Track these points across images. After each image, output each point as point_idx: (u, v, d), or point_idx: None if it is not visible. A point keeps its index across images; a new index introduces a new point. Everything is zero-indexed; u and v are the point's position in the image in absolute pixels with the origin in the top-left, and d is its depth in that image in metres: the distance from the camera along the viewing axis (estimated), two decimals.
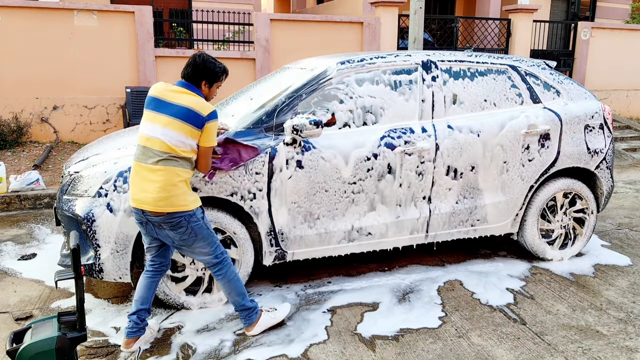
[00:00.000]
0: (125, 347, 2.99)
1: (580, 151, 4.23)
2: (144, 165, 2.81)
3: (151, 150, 2.80)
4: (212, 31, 10.55)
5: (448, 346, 3.08)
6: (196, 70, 2.90)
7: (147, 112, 2.89)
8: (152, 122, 2.83)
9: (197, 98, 2.86)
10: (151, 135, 2.81)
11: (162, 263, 3.09)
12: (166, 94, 2.86)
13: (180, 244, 2.93)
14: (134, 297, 3.07)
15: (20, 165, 6.75)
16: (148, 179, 2.79)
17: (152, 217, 2.82)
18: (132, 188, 2.87)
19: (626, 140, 10.06)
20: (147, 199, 2.79)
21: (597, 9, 14.95)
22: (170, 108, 2.81)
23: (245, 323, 3.17)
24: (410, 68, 3.93)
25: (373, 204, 3.75)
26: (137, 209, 2.87)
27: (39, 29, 7.49)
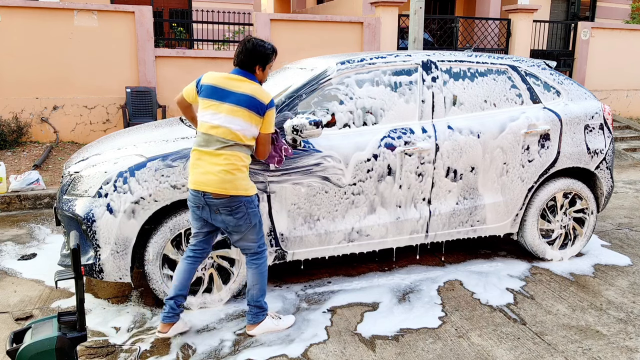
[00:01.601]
0: (162, 331, 3.08)
1: (580, 151, 4.23)
2: (207, 151, 2.89)
3: (215, 137, 2.88)
4: (212, 31, 10.55)
5: (448, 346, 3.08)
6: (249, 55, 2.95)
7: (207, 100, 2.94)
8: (216, 111, 2.90)
9: (257, 86, 2.95)
10: (216, 123, 2.89)
11: (204, 249, 3.14)
12: (226, 83, 2.94)
13: (234, 229, 2.99)
14: (172, 282, 3.12)
15: (20, 165, 6.75)
16: (213, 162, 2.87)
17: (213, 199, 2.88)
18: (193, 172, 2.93)
19: (626, 140, 10.06)
20: (212, 181, 2.86)
21: (597, 9, 14.96)
22: (233, 96, 2.90)
23: (250, 320, 3.18)
24: (410, 68, 3.93)
25: (373, 205, 3.75)
26: (196, 192, 2.92)
27: (39, 29, 7.49)
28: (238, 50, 2.98)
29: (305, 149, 3.51)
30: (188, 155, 3.33)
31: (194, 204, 2.99)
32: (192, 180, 2.94)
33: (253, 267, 3.12)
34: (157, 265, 3.34)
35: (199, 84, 3.02)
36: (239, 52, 2.98)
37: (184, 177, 3.29)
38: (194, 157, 2.95)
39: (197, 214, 3.01)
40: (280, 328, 3.23)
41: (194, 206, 2.99)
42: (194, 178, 2.92)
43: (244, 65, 2.98)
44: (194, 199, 2.96)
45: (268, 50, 3.00)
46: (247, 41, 2.98)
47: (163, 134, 3.75)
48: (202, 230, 3.09)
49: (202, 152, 2.91)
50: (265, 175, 3.43)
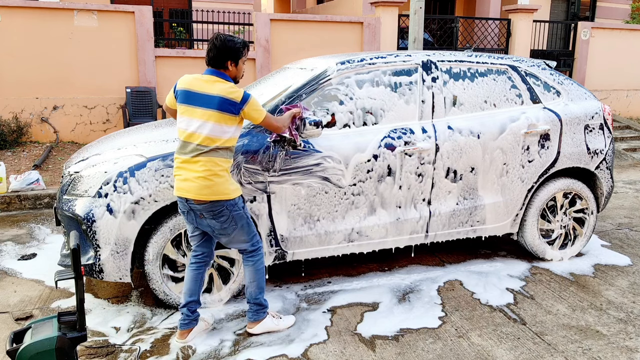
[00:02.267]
0: (180, 339, 3.08)
1: (580, 151, 4.23)
2: (186, 158, 2.87)
3: (191, 144, 2.85)
4: (212, 31, 10.55)
5: (448, 346, 3.08)
6: (219, 52, 2.89)
7: (182, 106, 2.91)
8: (189, 116, 2.87)
9: (227, 85, 2.89)
10: (190, 129, 2.86)
11: (204, 253, 3.12)
12: (197, 85, 2.89)
13: (220, 232, 2.98)
14: (183, 290, 3.12)
15: (20, 165, 6.75)
16: (190, 169, 2.86)
17: (195, 205, 2.88)
18: (176, 178, 2.93)
19: (626, 140, 10.06)
20: (191, 188, 2.85)
21: (597, 9, 14.95)
22: (204, 99, 2.85)
23: (250, 318, 3.18)
24: (410, 68, 3.93)
25: (373, 205, 3.75)
26: (180, 198, 2.93)
27: (39, 29, 7.49)
28: (208, 48, 2.92)
29: (305, 149, 3.50)
30: None
31: (181, 210, 3.00)
32: (175, 187, 2.94)
33: (249, 265, 3.12)
34: (157, 266, 3.34)
35: (176, 89, 2.97)
36: (208, 50, 2.92)
37: None
38: (175, 164, 2.94)
39: (185, 218, 3.02)
40: (280, 328, 3.23)
41: (182, 211, 3.01)
42: (176, 185, 2.92)
43: (216, 63, 2.91)
44: (180, 205, 2.98)
45: (238, 44, 2.93)
46: (215, 38, 2.92)
47: (163, 134, 3.75)
48: (195, 234, 3.08)
49: (181, 159, 2.89)
50: (265, 176, 3.43)
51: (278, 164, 3.45)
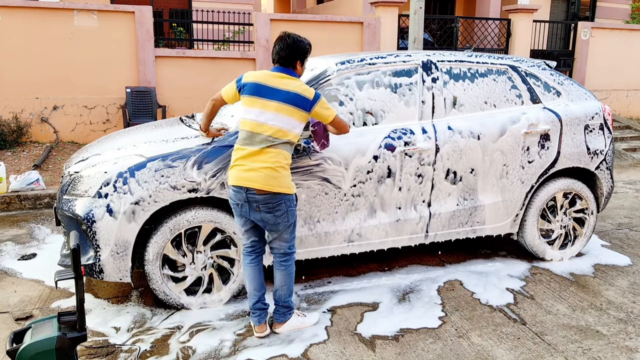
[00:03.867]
0: (260, 332, 3.14)
1: (580, 152, 4.23)
2: (253, 149, 2.90)
3: (260, 135, 2.89)
4: (212, 31, 10.55)
5: (448, 346, 3.08)
6: (290, 51, 2.96)
7: (251, 98, 2.95)
8: (261, 108, 2.91)
9: (300, 82, 2.99)
10: (260, 120, 2.90)
11: (258, 244, 3.15)
12: (271, 80, 2.94)
13: (272, 227, 3.00)
14: (248, 289, 3.15)
15: (20, 165, 6.75)
16: (258, 160, 2.89)
17: (255, 195, 2.89)
18: (236, 168, 2.94)
19: (626, 140, 10.06)
20: (257, 178, 2.87)
21: (597, 9, 14.95)
22: (280, 94, 2.91)
23: (278, 319, 3.21)
24: (411, 68, 3.93)
25: (373, 207, 3.75)
26: (239, 188, 2.93)
27: (39, 29, 7.49)
28: (278, 47, 2.98)
29: (305, 150, 3.50)
30: (188, 156, 3.33)
31: (234, 201, 3.00)
32: (234, 177, 2.94)
33: (282, 269, 3.14)
34: (157, 266, 3.34)
35: (240, 83, 3.03)
36: (279, 49, 2.97)
37: (184, 178, 3.29)
38: (238, 154, 2.96)
39: (238, 210, 3.02)
40: (305, 325, 3.25)
41: (234, 203, 3.01)
42: (237, 174, 2.93)
43: (286, 62, 2.98)
44: (235, 196, 2.97)
45: (307, 45, 3.03)
46: (286, 37, 2.98)
47: (163, 134, 3.75)
48: (248, 227, 3.10)
49: (247, 150, 2.92)
50: None
51: None
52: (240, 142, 2.96)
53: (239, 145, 2.97)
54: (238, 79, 3.06)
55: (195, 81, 8.32)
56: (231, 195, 3.02)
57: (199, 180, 3.31)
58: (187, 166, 3.31)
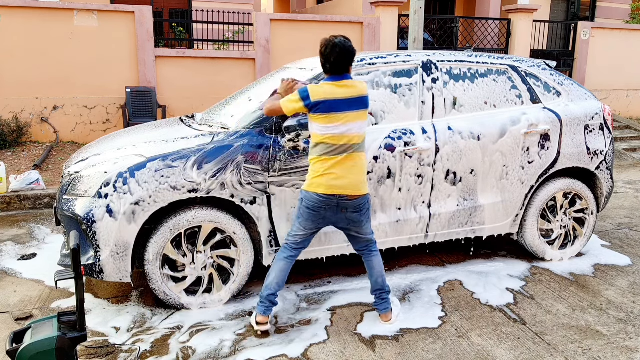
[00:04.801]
0: (262, 321, 3.17)
1: (580, 152, 4.23)
2: (341, 157, 2.98)
3: (347, 144, 2.99)
4: (212, 31, 10.55)
5: (448, 346, 3.08)
6: (343, 58, 2.96)
7: (330, 115, 2.95)
8: (342, 122, 2.96)
9: (359, 83, 3.07)
10: (349, 132, 2.98)
11: (304, 247, 3.24)
12: (343, 92, 2.98)
13: (355, 225, 3.15)
14: (270, 280, 3.16)
15: (20, 165, 6.75)
16: (348, 167, 3.00)
17: (349, 201, 3.03)
18: (328, 177, 2.99)
19: (626, 140, 10.06)
20: (352, 184, 3.01)
21: (597, 9, 14.95)
22: (354, 103, 2.99)
23: (386, 309, 3.30)
24: (411, 69, 3.93)
25: (373, 207, 3.74)
26: (329, 196, 3.00)
27: (39, 29, 7.49)
28: (332, 56, 2.94)
29: (305, 150, 3.50)
30: (188, 156, 3.33)
31: (320, 206, 3.04)
32: (327, 185, 2.99)
33: (375, 255, 3.27)
34: (157, 266, 3.34)
35: (310, 102, 2.95)
36: (335, 57, 2.94)
37: (184, 178, 3.29)
38: (324, 164, 2.99)
39: (320, 214, 3.07)
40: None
41: (320, 208, 3.04)
42: (330, 183, 2.98)
43: (344, 68, 2.99)
44: (324, 202, 3.02)
45: (353, 48, 3.03)
46: (335, 45, 2.94)
47: (163, 134, 3.75)
48: (313, 230, 3.16)
49: (334, 159, 2.98)
50: (265, 176, 3.43)
51: (278, 164, 3.45)
52: (325, 154, 2.99)
53: (324, 157, 2.99)
54: (304, 96, 2.96)
55: (195, 81, 8.32)
56: (316, 201, 3.03)
57: (199, 180, 3.31)
58: (187, 166, 3.31)
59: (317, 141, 3.02)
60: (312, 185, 3.03)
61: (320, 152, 3.01)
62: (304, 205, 3.08)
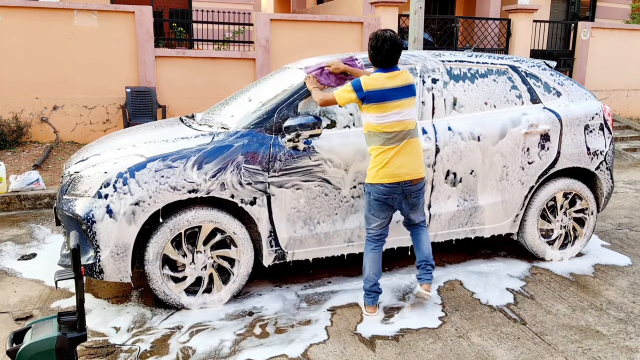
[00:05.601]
0: (372, 312, 3.39)
1: (580, 152, 4.23)
2: (400, 145, 3.18)
3: (404, 131, 3.18)
4: (212, 31, 10.54)
5: (448, 346, 3.08)
6: (395, 50, 3.18)
7: (383, 104, 3.15)
8: (399, 109, 3.17)
9: (406, 72, 3.26)
10: (403, 119, 3.18)
11: (386, 234, 3.43)
12: (394, 82, 3.18)
13: (414, 207, 3.37)
14: (368, 273, 3.37)
15: (20, 165, 6.75)
16: (408, 153, 3.21)
17: (412, 185, 3.24)
18: (392, 166, 3.18)
19: (626, 140, 10.06)
20: (415, 169, 3.23)
21: (597, 9, 14.95)
22: (405, 91, 3.20)
23: (429, 279, 3.47)
24: (411, 69, 3.92)
25: None
26: (395, 184, 3.20)
27: (39, 29, 7.49)
28: (384, 49, 3.13)
29: (305, 150, 3.50)
30: (188, 156, 3.33)
31: (387, 196, 3.23)
32: (389, 174, 3.18)
33: (423, 228, 3.48)
34: (157, 266, 3.34)
35: (362, 93, 3.15)
36: (386, 50, 3.13)
37: (184, 178, 3.29)
38: (385, 155, 3.18)
39: (388, 203, 3.27)
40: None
41: (387, 197, 3.24)
42: (392, 172, 3.18)
43: (393, 60, 3.19)
44: (390, 191, 3.22)
45: (402, 41, 3.24)
46: (385, 38, 3.14)
47: (163, 134, 3.75)
48: (387, 219, 3.35)
49: (394, 148, 3.17)
50: (265, 176, 3.43)
51: (278, 164, 3.45)
52: (385, 143, 3.18)
53: (385, 147, 3.17)
54: (356, 88, 3.16)
55: (195, 81, 8.32)
56: (383, 191, 3.22)
57: (199, 181, 3.31)
58: (187, 166, 3.30)
59: (373, 131, 3.20)
60: (377, 177, 3.21)
61: (380, 142, 3.19)
62: (372, 198, 3.28)
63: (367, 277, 3.38)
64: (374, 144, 3.21)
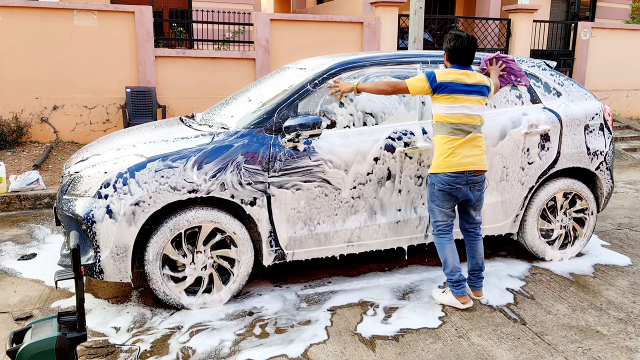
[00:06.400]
0: (466, 302, 3.48)
1: (580, 152, 4.23)
2: (467, 138, 3.32)
3: (471, 125, 3.34)
4: (212, 31, 10.55)
5: (448, 346, 3.08)
6: (473, 50, 3.39)
7: (454, 96, 3.32)
8: (466, 103, 3.34)
9: (481, 74, 3.46)
10: (469, 112, 3.34)
11: (453, 224, 3.54)
12: (468, 79, 3.36)
13: (477, 203, 3.48)
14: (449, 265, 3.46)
15: (20, 165, 6.75)
16: (474, 146, 3.35)
17: (475, 177, 3.36)
18: (457, 156, 3.32)
19: (626, 140, 10.06)
20: (478, 161, 3.36)
21: (597, 9, 14.95)
22: (477, 89, 3.38)
23: (479, 287, 3.59)
24: (411, 69, 3.92)
25: (373, 209, 3.74)
26: (460, 174, 3.32)
27: (39, 29, 7.49)
28: (461, 48, 3.34)
29: (305, 150, 3.50)
30: (188, 156, 3.33)
31: (451, 186, 3.35)
32: (457, 164, 3.31)
33: (479, 239, 3.58)
34: (157, 266, 3.34)
35: (436, 83, 3.32)
36: (464, 49, 3.34)
37: (184, 179, 3.29)
38: (451, 145, 3.32)
39: (452, 193, 3.37)
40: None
41: (451, 188, 3.35)
42: (457, 161, 3.31)
43: (470, 59, 3.40)
44: (455, 180, 3.33)
45: (476, 42, 3.43)
46: (463, 38, 3.34)
47: (163, 134, 3.75)
48: (452, 209, 3.46)
49: (460, 139, 3.32)
50: (265, 176, 3.43)
51: (278, 164, 3.45)
52: (452, 133, 3.33)
53: (451, 137, 3.33)
54: (430, 78, 3.33)
55: (195, 81, 8.32)
56: (447, 181, 3.34)
57: (199, 181, 3.31)
58: (187, 166, 3.30)
59: (441, 121, 3.36)
60: (441, 167, 3.35)
61: (446, 131, 3.34)
62: (437, 188, 3.39)
63: (452, 269, 3.45)
64: (441, 133, 3.37)
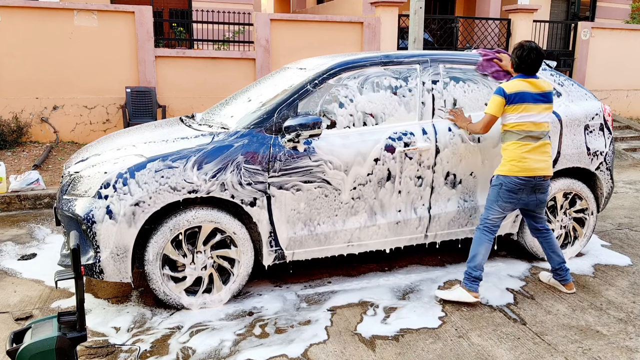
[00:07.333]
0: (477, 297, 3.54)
1: (580, 152, 4.23)
2: (537, 144, 3.49)
3: (540, 131, 3.49)
4: (212, 31, 10.55)
5: (448, 346, 3.08)
6: (539, 60, 3.50)
7: (524, 105, 3.47)
8: (537, 111, 3.49)
9: (547, 82, 3.58)
10: (538, 120, 3.49)
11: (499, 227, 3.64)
12: (535, 89, 3.50)
13: (540, 205, 3.62)
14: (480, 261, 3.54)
15: (20, 165, 6.75)
16: (543, 152, 3.51)
17: (542, 181, 3.53)
18: (527, 161, 3.47)
19: (626, 140, 10.06)
20: (546, 167, 3.51)
21: (597, 9, 14.95)
22: (544, 97, 3.51)
23: (570, 279, 3.75)
24: (411, 69, 3.92)
25: (373, 209, 3.74)
26: (530, 178, 3.48)
27: (39, 29, 7.49)
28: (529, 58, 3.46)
29: (305, 151, 3.50)
30: (188, 156, 3.33)
31: (519, 188, 3.50)
32: (530, 168, 3.47)
33: (551, 232, 3.74)
34: (157, 266, 3.34)
35: (506, 95, 3.47)
36: (531, 59, 3.47)
37: (184, 179, 3.29)
38: (523, 150, 3.48)
39: (516, 197, 3.52)
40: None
41: (518, 190, 3.50)
42: (531, 166, 3.47)
43: (535, 69, 3.51)
44: (525, 183, 3.48)
45: (543, 52, 3.53)
46: (531, 49, 3.47)
47: (163, 134, 3.75)
48: (509, 212, 3.61)
49: (531, 145, 3.47)
50: (265, 176, 3.43)
51: (278, 165, 3.45)
52: (523, 139, 3.49)
53: (522, 142, 3.48)
54: (500, 93, 3.48)
55: (195, 81, 8.32)
56: (517, 183, 3.48)
57: (199, 181, 3.30)
58: (187, 167, 3.30)
59: (510, 130, 3.52)
60: (512, 170, 3.49)
61: (516, 138, 3.50)
62: (505, 188, 3.52)
63: (477, 265, 3.54)
64: (510, 140, 3.52)
